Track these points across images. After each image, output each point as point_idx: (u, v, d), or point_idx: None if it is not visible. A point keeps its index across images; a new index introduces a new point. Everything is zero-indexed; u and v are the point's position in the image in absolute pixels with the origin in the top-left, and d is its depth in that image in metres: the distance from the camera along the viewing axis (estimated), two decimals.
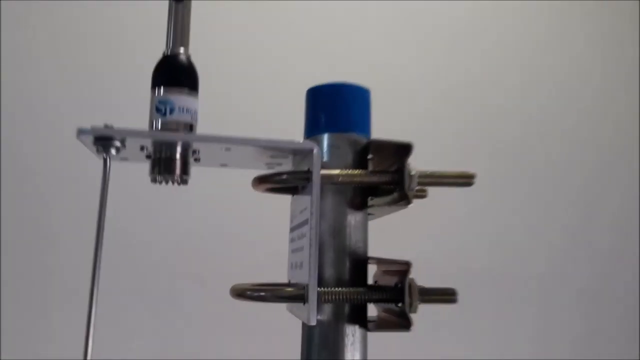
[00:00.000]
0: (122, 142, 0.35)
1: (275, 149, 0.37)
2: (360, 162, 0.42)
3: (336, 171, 0.39)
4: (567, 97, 1.31)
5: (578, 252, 1.26)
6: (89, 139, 0.35)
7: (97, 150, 0.35)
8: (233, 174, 0.47)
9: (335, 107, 0.42)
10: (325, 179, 0.38)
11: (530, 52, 1.31)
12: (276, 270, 0.50)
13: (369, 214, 0.44)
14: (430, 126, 1.19)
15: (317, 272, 0.35)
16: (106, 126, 0.35)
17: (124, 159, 0.44)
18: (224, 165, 0.46)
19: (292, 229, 0.47)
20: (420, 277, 0.38)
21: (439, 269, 1.08)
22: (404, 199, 0.38)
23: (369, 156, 0.43)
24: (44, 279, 0.92)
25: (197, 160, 0.43)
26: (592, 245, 1.27)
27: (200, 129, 0.41)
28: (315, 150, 0.36)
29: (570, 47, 1.33)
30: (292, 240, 0.47)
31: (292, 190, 0.46)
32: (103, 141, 0.35)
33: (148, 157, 0.41)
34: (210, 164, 0.46)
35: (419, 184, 0.40)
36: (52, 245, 0.94)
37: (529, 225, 1.23)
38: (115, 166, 0.43)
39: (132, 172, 0.48)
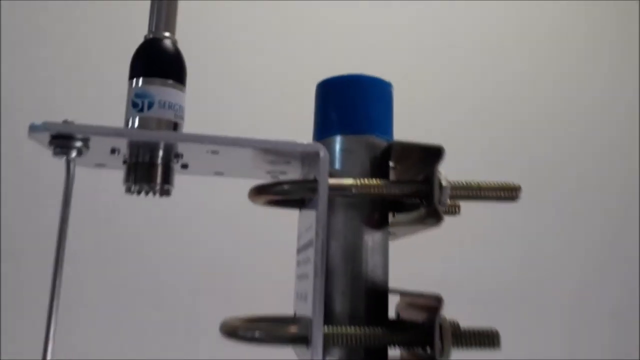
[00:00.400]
0: (85, 142, 0.30)
1: (272, 151, 0.31)
2: (379, 170, 0.36)
3: (349, 181, 0.32)
4: (602, 114, 1.25)
5: (611, 272, 1.18)
6: (44, 137, 0.29)
7: (54, 153, 0.30)
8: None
9: (349, 103, 0.36)
10: (336, 190, 0.32)
11: (567, 67, 1.25)
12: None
13: (389, 234, 0.37)
14: (457, 140, 1.12)
15: (323, 308, 0.29)
16: (65, 122, 0.29)
17: (100, 165, 0.39)
18: (219, 173, 0.41)
19: (298, 250, 0.41)
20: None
21: (462, 289, 1.02)
22: (433, 216, 0.31)
23: (391, 163, 0.37)
24: (45, 281, 0.89)
25: (185, 167, 0.38)
26: (626, 265, 1.19)
27: (190, 131, 0.35)
28: (321, 154, 0.30)
29: (609, 64, 1.27)
30: (298, 264, 0.41)
31: (300, 203, 0.40)
32: (61, 141, 0.29)
33: (124, 162, 0.35)
34: (202, 172, 0.40)
35: (452, 197, 0.34)
36: (53, 247, 0.91)
37: (559, 243, 1.17)
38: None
39: None
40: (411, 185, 0.33)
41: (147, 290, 0.93)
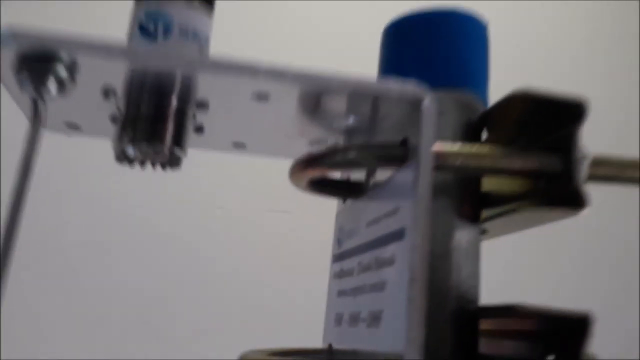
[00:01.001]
0: (71, 69, 0.22)
1: (354, 92, 0.24)
2: (473, 139, 0.29)
3: (455, 147, 0.25)
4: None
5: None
6: (7, 57, 0.21)
7: (21, 85, 0.22)
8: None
9: (436, 47, 0.29)
10: (436, 162, 0.25)
11: None
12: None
13: (482, 232, 0.30)
14: None
15: (423, 339, 0.21)
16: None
17: (73, 125, 0.30)
18: (239, 145, 0.33)
19: (339, 257, 0.34)
20: None
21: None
22: (572, 200, 0.24)
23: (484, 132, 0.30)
24: (45, 281, 0.83)
25: (199, 130, 0.30)
26: None
27: None
28: (426, 101, 0.23)
29: None
30: (340, 275, 0.33)
31: (346, 191, 0.33)
32: (35, 65, 0.21)
33: (114, 119, 0.27)
34: (218, 141, 0.32)
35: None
36: (54, 246, 0.85)
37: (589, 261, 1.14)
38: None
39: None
40: (540, 156, 0.25)
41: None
